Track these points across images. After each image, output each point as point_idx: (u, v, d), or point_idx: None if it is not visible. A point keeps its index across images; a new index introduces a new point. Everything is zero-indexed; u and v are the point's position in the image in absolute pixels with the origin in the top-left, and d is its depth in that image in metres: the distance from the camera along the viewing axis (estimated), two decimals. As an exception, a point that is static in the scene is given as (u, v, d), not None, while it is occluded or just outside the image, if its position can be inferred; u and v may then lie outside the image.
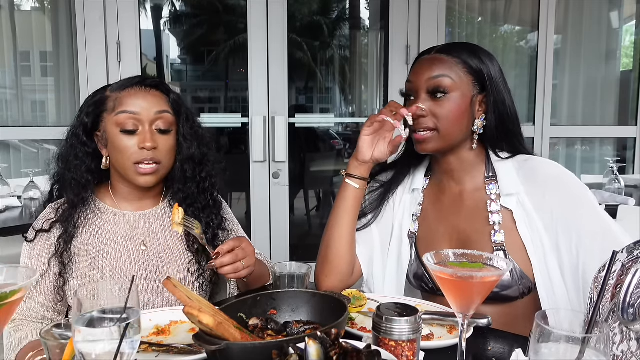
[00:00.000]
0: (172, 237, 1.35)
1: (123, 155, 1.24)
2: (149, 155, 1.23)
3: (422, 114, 1.19)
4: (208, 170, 1.34)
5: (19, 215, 2.42)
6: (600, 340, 0.66)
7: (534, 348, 0.69)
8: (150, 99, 1.26)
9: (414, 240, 1.33)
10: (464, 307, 0.83)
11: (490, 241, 1.20)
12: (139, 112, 1.24)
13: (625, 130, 3.85)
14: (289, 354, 0.73)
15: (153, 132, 1.25)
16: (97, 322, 0.72)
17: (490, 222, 1.21)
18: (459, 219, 1.27)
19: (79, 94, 3.19)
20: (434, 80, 1.18)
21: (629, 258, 0.85)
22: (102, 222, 1.31)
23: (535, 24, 3.61)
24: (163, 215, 1.37)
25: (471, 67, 1.20)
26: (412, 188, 1.36)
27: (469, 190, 1.27)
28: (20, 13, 3.45)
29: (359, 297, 1.18)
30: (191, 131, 1.32)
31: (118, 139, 1.24)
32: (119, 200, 1.34)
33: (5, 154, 3.32)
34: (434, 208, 1.32)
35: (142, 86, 1.28)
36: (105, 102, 1.27)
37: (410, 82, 1.24)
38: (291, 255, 3.44)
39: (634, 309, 0.76)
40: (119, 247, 1.29)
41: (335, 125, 4.37)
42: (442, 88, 1.18)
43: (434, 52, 1.23)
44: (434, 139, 1.20)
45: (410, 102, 1.24)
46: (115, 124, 1.24)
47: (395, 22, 3.41)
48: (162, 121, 1.26)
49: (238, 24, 3.98)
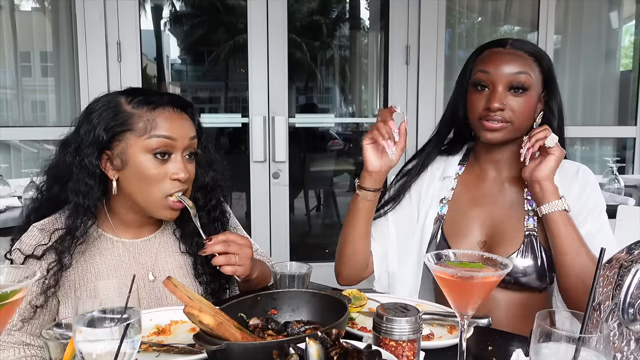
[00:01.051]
0: (178, 265, 1.26)
1: (151, 185, 1.10)
2: (182, 187, 1.13)
3: (502, 107, 1.21)
4: (218, 197, 1.27)
5: (19, 215, 2.42)
6: (600, 340, 0.66)
7: (534, 348, 0.69)
8: (184, 124, 1.14)
9: (441, 223, 1.35)
10: (464, 307, 0.83)
11: (523, 226, 1.26)
12: (175, 138, 1.10)
13: (625, 130, 3.84)
14: (290, 353, 0.73)
15: (184, 160, 1.13)
16: (97, 322, 0.72)
17: (526, 208, 1.28)
18: (494, 205, 1.32)
19: (79, 94, 3.18)
20: (516, 77, 1.22)
21: (629, 258, 0.85)
22: (99, 251, 1.18)
23: (535, 24, 3.61)
24: (164, 241, 1.26)
25: (543, 66, 1.26)
26: (443, 176, 1.39)
27: (510, 178, 1.33)
28: (21, 13, 3.45)
29: (359, 297, 1.18)
30: (206, 157, 1.24)
31: (146, 165, 1.09)
32: (118, 225, 1.20)
33: (6, 154, 3.32)
34: (468, 193, 1.36)
35: (173, 107, 1.14)
36: (133, 121, 1.10)
37: (487, 73, 1.24)
38: (291, 255, 3.45)
39: (634, 309, 0.77)
40: (121, 281, 1.08)
41: (335, 125, 4.37)
42: (523, 84, 1.23)
43: (509, 47, 1.26)
44: (506, 130, 1.24)
45: (484, 93, 1.25)
46: (145, 148, 1.09)
47: (395, 22, 3.41)
48: (192, 148, 1.15)
49: (238, 24, 3.98)
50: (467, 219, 1.32)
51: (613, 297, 0.84)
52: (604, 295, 0.87)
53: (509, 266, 0.82)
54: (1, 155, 3.29)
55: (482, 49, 1.31)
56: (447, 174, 1.39)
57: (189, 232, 1.24)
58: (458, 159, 1.41)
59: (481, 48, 1.31)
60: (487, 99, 1.23)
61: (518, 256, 1.23)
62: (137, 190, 1.12)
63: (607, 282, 0.88)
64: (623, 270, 0.84)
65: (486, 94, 1.24)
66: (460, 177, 1.39)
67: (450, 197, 1.37)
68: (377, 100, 4.05)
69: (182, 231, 1.26)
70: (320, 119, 4.35)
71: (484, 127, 1.25)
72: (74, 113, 3.30)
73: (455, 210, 1.35)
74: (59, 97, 3.37)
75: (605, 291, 0.87)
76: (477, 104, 1.26)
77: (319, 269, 1.39)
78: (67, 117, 3.35)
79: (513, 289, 1.25)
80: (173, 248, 1.27)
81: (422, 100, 3.42)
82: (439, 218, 1.36)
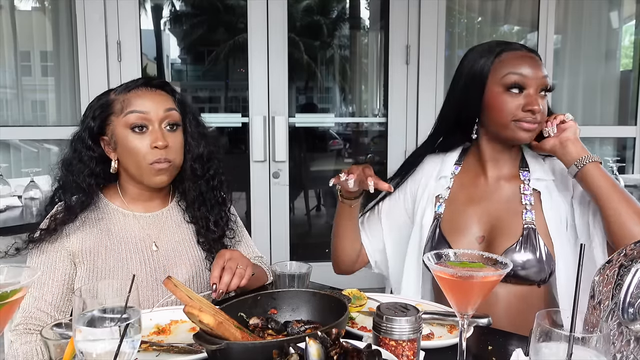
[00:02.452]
0: (182, 238, 1.36)
1: (137, 157, 1.24)
2: (162, 154, 1.24)
3: (540, 109, 1.25)
4: (216, 168, 1.37)
5: (19, 214, 2.42)
6: (600, 340, 0.66)
7: (534, 347, 0.69)
8: (157, 98, 1.27)
9: (438, 221, 1.37)
10: (464, 306, 0.83)
11: (522, 219, 1.28)
12: (147, 111, 1.24)
13: (625, 130, 3.85)
14: (290, 353, 0.73)
15: (163, 130, 1.26)
16: (97, 321, 0.72)
17: (523, 202, 1.31)
18: (491, 202, 1.34)
19: (79, 94, 3.19)
20: (545, 80, 1.28)
21: (628, 258, 0.85)
22: (112, 222, 1.31)
23: (535, 23, 3.61)
24: (172, 215, 1.38)
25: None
26: (439, 176, 1.42)
27: (506, 175, 1.36)
28: (21, 13, 3.45)
29: (359, 296, 1.19)
30: (197, 130, 1.34)
31: (129, 140, 1.24)
32: (128, 201, 1.34)
33: (6, 154, 3.32)
34: (465, 192, 1.38)
35: (147, 87, 1.29)
36: (112, 105, 1.27)
37: (523, 76, 1.26)
38: (291, 254, 3.45)
39: (634, 309, 0.77)
40: (129, 247, 1.29)
41: (335, 125, 4.36)
42: (549, 87, 1.29)
43: (525, 51, 1.30)
44: (536, 130, 1.29)
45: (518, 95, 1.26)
46: (124, 125, 1.24)
47: (395, 22, 3.41)
48: (170, 119, 1.27)
49: (238, 24, 3.97)
50: (464, 216, 1.35)
51: (613, 296, 0.84)
52: (604, 295, 0.87)
53: (509, 266, 0.82)
54: (1, 155, 3.29)
55: (495, 51, 1.29)
56: (443, 173, 1.42)
57: (192, 200, 1.35)
58: (454, 159, 1.43)
59: (492, 50, 1.30)
60: (525, 101, 1.25)
61: (517, 249, 1.25)
62: (129, 164, 1.27)
63: (607, 281, 0.88)
64: (623, 270, 0.84)
65: (521, 95, 1.26)
66: (457, 176, 1.41)
67: (447, 196, 1.39)
68: (377, 100, 4.05)
69: (186, 200, 1.37)
70: (320, 118, 4.34)
71: (521, 128, 1.27)
72: (74, 113, 3.30)
73: (452, 208, 1.37)
74: (59, 96, 3.37)
75: (605, 291, 0.87)
76: (510, 106, 1.26)
77: (319, 268, 1.40)
78: (67, 117, 3.35)
79: (512, 282, 1.26)
80: (179, 220, 1.38)
81: (422, 100, 3.42)
82: (437, 217, 1.38)
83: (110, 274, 1.25)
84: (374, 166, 1.32)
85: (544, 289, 1.28)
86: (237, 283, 1.20)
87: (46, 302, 1.22)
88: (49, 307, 1.22)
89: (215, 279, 1.19)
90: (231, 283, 1.19)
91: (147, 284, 1.27)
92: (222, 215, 1.38)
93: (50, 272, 1.23)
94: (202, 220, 1.36)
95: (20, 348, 1.16)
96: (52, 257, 1.24)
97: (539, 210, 1.29)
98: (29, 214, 2.38)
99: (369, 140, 4.26)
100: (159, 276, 1.29)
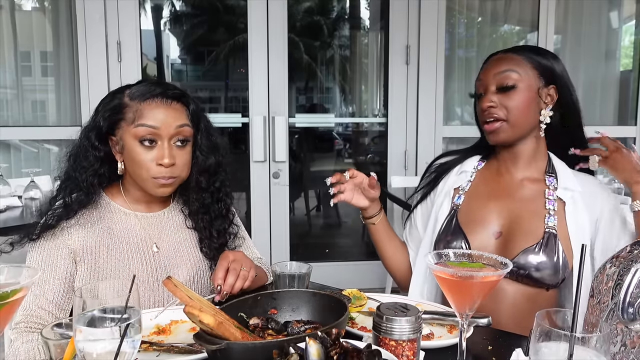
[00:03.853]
0: (183, 238, 1.36)
1: (140, 168, 1.23)
2: (167, 172, 1.23)
3: (492, 104, 1.30)
4: (222, 180, 1.36)
5: (19, 214, 2.42)
6: (600, 340, 0.66)
7: (533, 347, 0.69)
8: (171, 113, 1.24)
9: (455, 212, 1.38)
10: (464, 306, 0.83)
11: (544, 222, 1.29)
12: (158, 127, 1.22)
13: (625, 130, 3.84)
14: (290, 353, 0.73)
15: (171, 147, 1.24)
16: (98, 321, 0.72)
17: (547, 207, 1.31)
18: (513, 199, 1.35)
19: (79, 94, 3.19)
20: (501, 75, 1.30)
21: (629, 258, 0.85)
22: (114, 221, 1.30)
23: (535, 24, 3.61)
24: (173, 216, 1.38)
25: (536, 61, 1.32)
26: (460, 170, 1.45)
27: (529, 178, 1.37)
28: (21, 13, 3.45)
29: (359, 296, 1.19)
30: (208, 142, 1.32)
31: (136, 151, 1.23)
32: (130, 201, 1.33)
33: (6, 154, 3.32)
34: (486, 186, 1.40)
35: (163, 98, 1.24)
36: (124, 111, 1.24)
37: (479, 80, 1.36)
38: (291, 254, 3.45)
39: (634, 309, 0.77)
40: (131, 247, 1.29)
41: (335, 125, 4.37)
42: (509, 81, 1.29)
43: (500, 53, 1.36)
44: (503, 129, 1.31)
45: (480, 99, 1.35)
46: (134, 135, 1.22)
47: (395, 22, 3.41)
48: (181, 135, 1.25)
49: (238, 24, 3.97)
50: (484, 210, 1.35)
51: (613, 296, 0.84)
52: (603, 295, 0.87)
53: (509, 266, 0.82)
54: (1, 155, 3.29)
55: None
56: (464, 168, 1.45)
57: (195, 210, 1.35)
58: (478, 156, 1.47)
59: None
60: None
61: (536, 250, 1.25)
62: (133, 171, 1.26)
63: (607, 281, 0.88)
64: (623, 270, 0.84)
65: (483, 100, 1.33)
66: (479, 171, 1.44)
67: (467, 188, 1.41)
68: (377, 100, 4.05)
69: (189, 209, 1.37)
70: (321, 118, 4.34)
71: (485, 130, 1.35)
72: (74, 113, 3.31)
73: (472, 200, 1.38)
74: (59, 96, 3.37)
75: (605, 290, 0.87)
76: (478, 112, 1.37)
77: (319, 269, 1.40)
78: (67, 117, 3.35)
79: (523, 282, 1.27)
80: (180, 223, 1.38)
81: (422, 100, 3.42)
82: (454, 207, 1.39)
83: (110, 274, 1.25)
84: (374, 166, 1.33)
85: (552, 293, 1.29)
86: (241, 285, 1.21)
87: (47, 300, 1.21)
88: (50, 305, 1.21)
89: (219, 280, 1.19)
90: (235, 285, 1.19)
91: (147, 284, 1.27)
92: (226, 226, 1.38)
93: (51, 269, 1.22)
94: (205, 230, 1.36)
95: (21, 347, 1.15)
96: (53, 254, 1.23)
97: (562, 218, 1.29)
98: (29, 214, 2.38)
99: (369, 141, 4.26)
100: (160, 277, 1.29)
